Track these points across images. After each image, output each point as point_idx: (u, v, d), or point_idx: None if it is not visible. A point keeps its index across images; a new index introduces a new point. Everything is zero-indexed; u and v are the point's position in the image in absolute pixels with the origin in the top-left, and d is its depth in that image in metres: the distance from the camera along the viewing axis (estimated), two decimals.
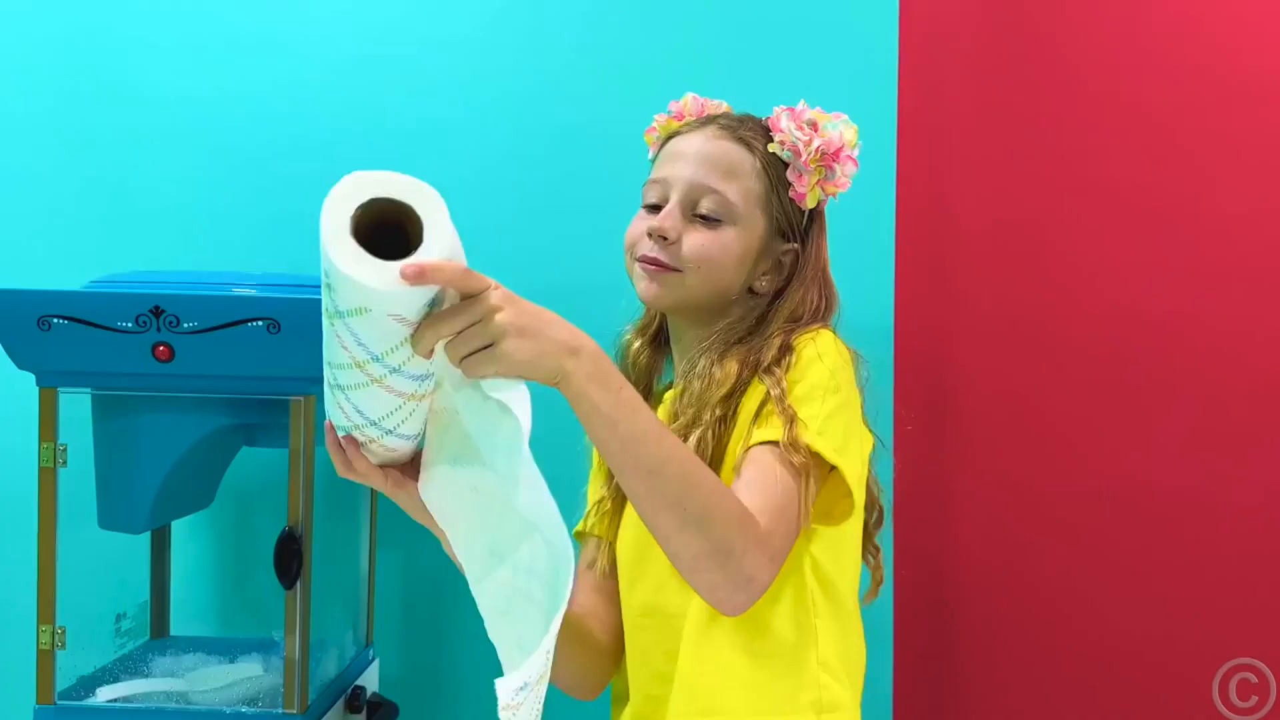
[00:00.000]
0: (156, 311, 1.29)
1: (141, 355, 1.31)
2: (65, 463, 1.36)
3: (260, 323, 1.29)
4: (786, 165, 1.12)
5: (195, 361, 1.31)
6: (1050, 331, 1.65)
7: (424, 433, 0.87)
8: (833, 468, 1.01)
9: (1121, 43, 1.63)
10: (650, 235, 1.09)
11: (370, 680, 1.62)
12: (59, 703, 1.36)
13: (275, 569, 1.34)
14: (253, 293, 1.35)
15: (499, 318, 0.77)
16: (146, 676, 1.48)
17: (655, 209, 1.11)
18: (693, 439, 1.04)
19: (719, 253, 1.09)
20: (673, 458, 0.88)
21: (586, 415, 0.84)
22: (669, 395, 1.15)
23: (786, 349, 1.06)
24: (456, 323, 0.76)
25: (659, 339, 1.23)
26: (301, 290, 1.34)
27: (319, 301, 0.75)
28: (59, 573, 1.36)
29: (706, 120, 1.15)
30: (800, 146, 1.10)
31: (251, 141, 1.76)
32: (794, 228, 1.14)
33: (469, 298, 0.77)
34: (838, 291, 1.17)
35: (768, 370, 1.04)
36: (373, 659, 1.67)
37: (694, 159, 1.11)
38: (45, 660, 1.36)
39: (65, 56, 1.78)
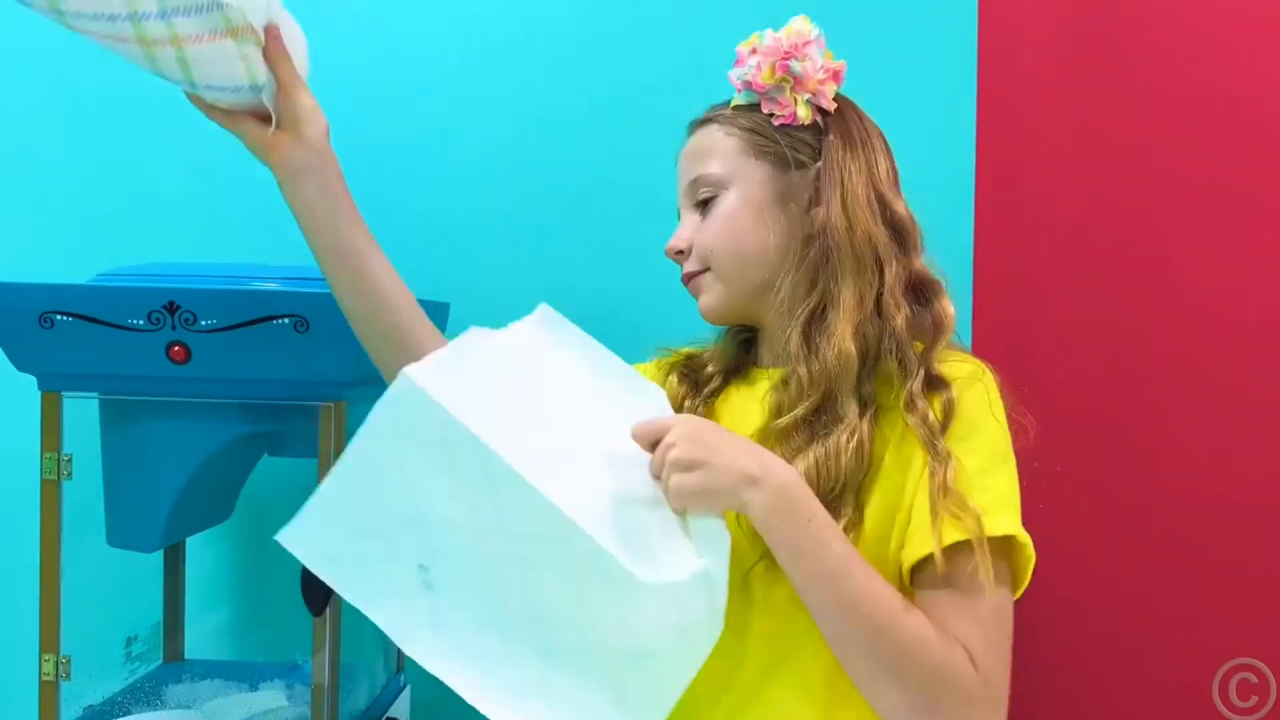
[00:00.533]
0: (171, 308, 1.25)
1: (154, 356, 1.26)
2: (70, 474, 1.31)
3: (286, 320, 1.25)
4: (757, 107, 1.06)
5: (213, 363, 1.27)
6: (1143, 344, 1.54)
7: (240, 84, 1.03)
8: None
9: (1222, 24, 1.52)
10: (674, 259, 1.10)
11: (402, 709, 1.57)
12: None
13: (303, 596, 1.28)
14: (277, 287, 1.29)
15: (668, 455, 0.86)
16: (159, 707, 1.44)
17: None
18: (841, 438, 0.94)
19: (724, 224, 1.04)
20: (863, 597, 0.86)
21: (773, 547, 0.87)
22: (767, 381, 1.05)
23: (937, 383, 0.95)
24: (653, 470, 0.88)
25: (745, 334, 1.15)
26: None
27: None
28: (64, 593, 1.32)
29: (687, 136, 1.12)
30: (749, 77, 1.05)
31: None
32: (810, 149, 1.05)
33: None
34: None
35: (914, 407, 0.93)
36: (404, 686, 1.61)
37: (681, 170, 1.10)
38: (48, 692, 1.31)
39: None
